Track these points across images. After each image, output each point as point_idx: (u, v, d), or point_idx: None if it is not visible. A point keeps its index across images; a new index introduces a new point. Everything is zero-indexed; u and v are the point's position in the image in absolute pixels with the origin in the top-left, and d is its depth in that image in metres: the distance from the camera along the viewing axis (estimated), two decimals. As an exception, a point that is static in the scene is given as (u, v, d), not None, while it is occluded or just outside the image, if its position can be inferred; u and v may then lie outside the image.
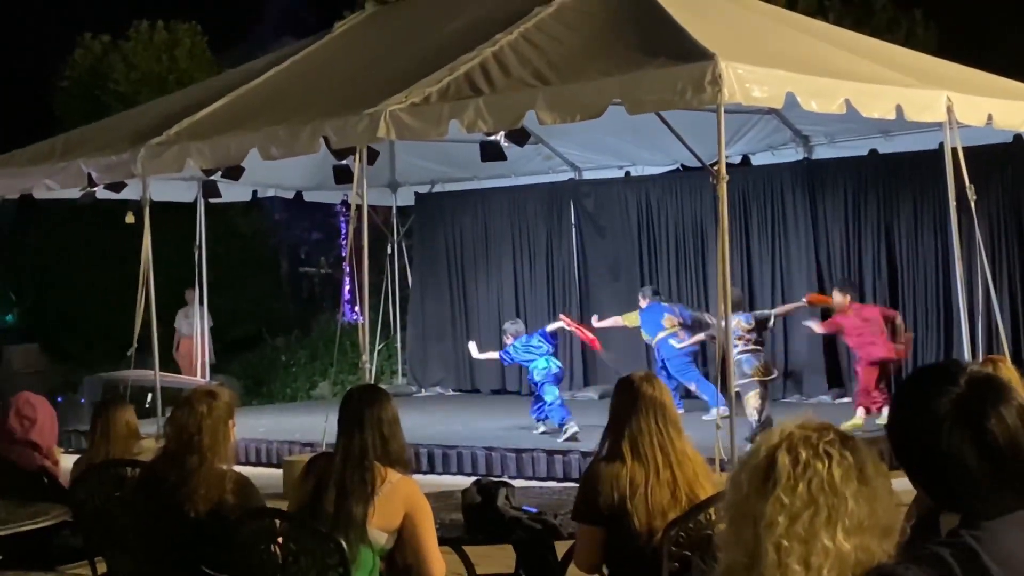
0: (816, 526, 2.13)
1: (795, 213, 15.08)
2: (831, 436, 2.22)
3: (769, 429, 2.31)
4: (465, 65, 10.83)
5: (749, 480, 2.20)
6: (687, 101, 9.14)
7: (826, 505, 2.14)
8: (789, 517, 2.14)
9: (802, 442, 2.19)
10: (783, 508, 2.14)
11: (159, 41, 23.86)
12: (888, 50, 13.31)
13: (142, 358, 13.16)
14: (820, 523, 2.13)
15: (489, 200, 17.58)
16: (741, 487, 2.22)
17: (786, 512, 2.14)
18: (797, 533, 2.13)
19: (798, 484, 2.15)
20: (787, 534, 2.13)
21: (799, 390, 15.02)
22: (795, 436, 2.21)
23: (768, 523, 2.14)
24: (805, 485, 2.15)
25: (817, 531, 2.13)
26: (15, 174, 14.05)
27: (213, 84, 15.38)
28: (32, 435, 6.62)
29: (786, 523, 2.13)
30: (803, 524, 2.13)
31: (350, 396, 4.81)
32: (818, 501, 2.15)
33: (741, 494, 2.21)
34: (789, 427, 2.24)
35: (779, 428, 2.25)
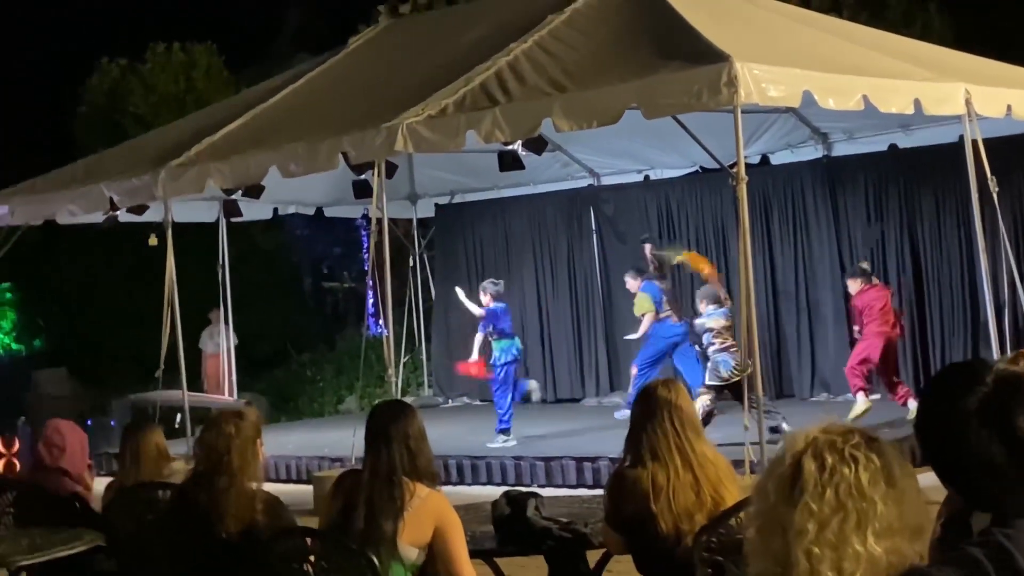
0: (846, 531, 2.12)
1: (816, 211, 15.03)
2: (856, 439, 2.20)
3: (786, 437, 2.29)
4: (480, 75, 10.85)
5: (776, 488, 2.19)
6: (704, 103, 9.14)
7: (855, 510, 2.13)
8: (818, 524, 2.12)
9: (827, 447, 2.18)
10: (812, 515, 2.13)
11: (176, 63, 23.96)
12: (904, 44, 13.26)
13: (169, 379, 13.22)
14: (850, 528, 2.12)
15: (509, 209, 17.59)
16: (768, 496, 2.20)
17: (815, 519, 2.12)
18: (827, 540, 2.12)
19: (826, 490, 2.14)
20: (817, 541, 2.12)
21: (827, 389, 14.95)
22: (820, 441, 2.20)
23: (798, 531, 2.13)
24: (833, 491, 2.14)
25: (847, 536, 2.12)
26: (38, 200, 14.15)
27: (231, 104, 15.45)
28: (62, 462, 6.65)
29: (816, 530, 2.12)
30: (833, 530, 2.12)
31: (375, 412, 4.82)
32: (847, 506, 2.13)
33: (768, 503, 2.19)
34: (813, 432, 2.23)
35: (803, 433, 2.23)
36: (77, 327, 23.57)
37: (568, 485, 11.39)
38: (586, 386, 16.55)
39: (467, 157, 14.63)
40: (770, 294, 15.18)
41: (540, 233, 17.35)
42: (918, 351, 14.25)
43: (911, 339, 14.30)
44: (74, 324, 23.66)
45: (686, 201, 16.10)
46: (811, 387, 15.03)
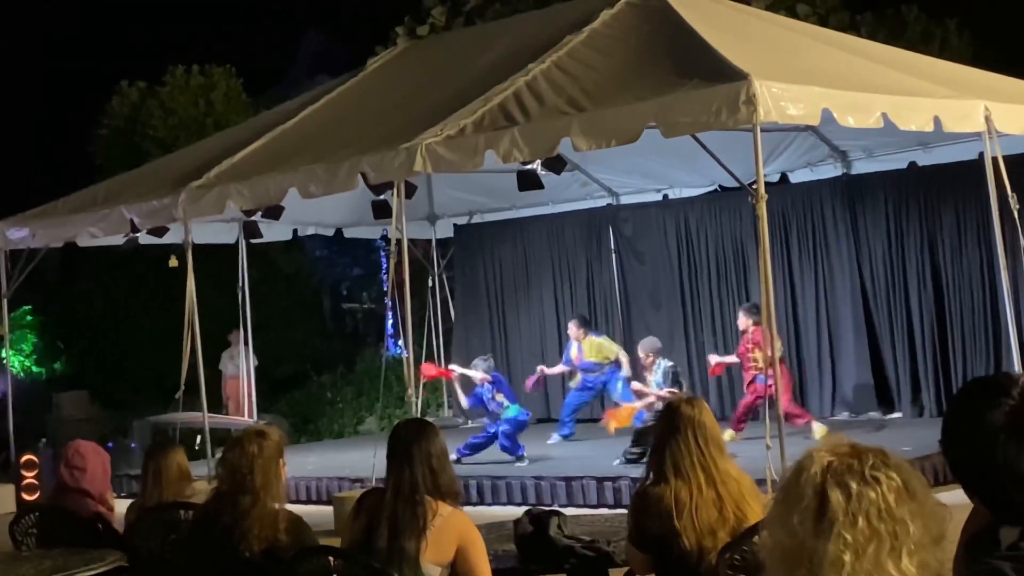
0: (882, 557, 2.09)
1: (836, 229, 15.00)
2: (872, 459, 2.18)
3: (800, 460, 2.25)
4: (499, 95, 10.87)
5: (801, 522, 2.15)
6: (722, 122, 9.13)
7: (888, 534, 2.10)
8: (854, 553, 2.09)
9: (847, 472, 2.15)
10: (847, 545, 2.09)
11: (195, 85, 24.08)
12: (923, 62, 13.24)
13: (190, 400, 13.24)
14: (885, 553, 2.09)
15: (528, 229, 17.60)
16: (793, 531, 2.15)
17: (851, 549, 2.09)
18: (864, 568, 2.09)
19: (857, 518, 2.11)
20: (854, 571, 2.09)
21: (848, 408, 14.89)
22: (835, 466, 2.16)
23: (832, 561, 2.09)
24: (864, 518, 2.11)
25: (883, 562, 2.09)
26: (59, 223, 14.21)
27: (250, 125, 15.51)
28: (84, 484, 6.66)
29: (852, 560, 2.09)
30: (869, 558, 2.09)
31: (398, 431, 4.81)
32: (880, 531, 2.10)
33: (795, 538, 2.15)
34: (824, 457, 2.19)
35: (814, 460, 2.19)
36: (97, 349, 23.66)
37: (589, 505, 11.36)
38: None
39: (486, 177, 14.66)
40: (790, 312, 15.14)
41: (559, 252, 17.36)
42: (939, 367, 14.20)
43: (932, 355, 14.25)
44: (94, 346, 23.75)
45: (705, 220, 16.09)
46: (832, 405, 14.98)
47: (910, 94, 10.46)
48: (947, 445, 2.37)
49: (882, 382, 14.73)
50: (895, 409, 14.57)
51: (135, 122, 23.85)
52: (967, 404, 2.36)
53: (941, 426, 2.39)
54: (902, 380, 14.51)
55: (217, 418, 15.04)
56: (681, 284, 16.25)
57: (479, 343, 17.86)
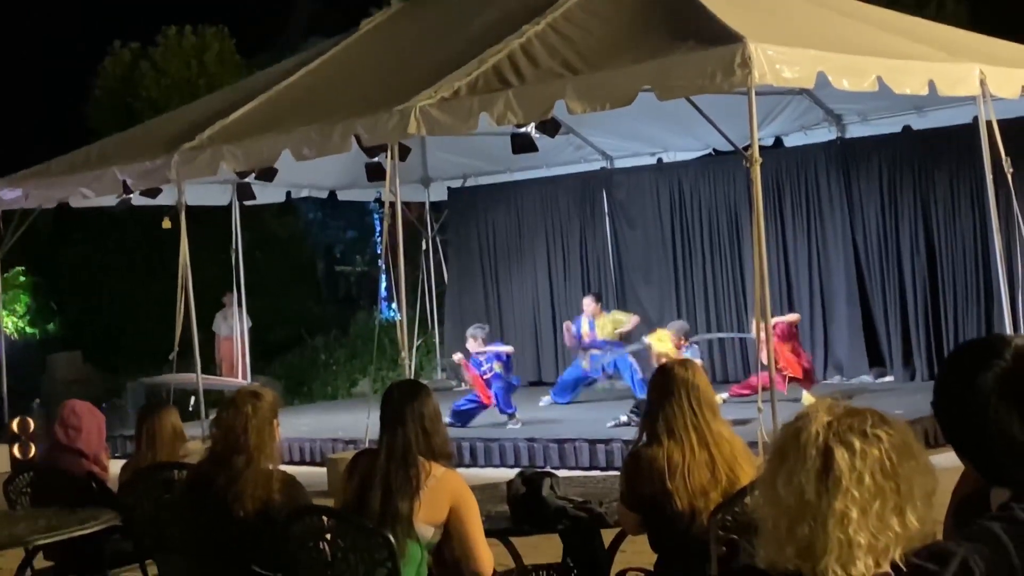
0: (886, 514, 2.10)
1: (830, 193, 15.01)
2: (870, 418, 2.19)
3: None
4: (493, 58, 10.84)
5: (806, 481, 2.15)
6: (717, 85, 9.12)
7: (891, 491, 2.11)
8: (860, 510, 2.10)
9: (849, 430, 2.16)
10: (854, 502, 2.10)
11: (188, 46, 23.97)
12: (918, 25, 13.22)
13: (184, 362, 13.26)
14: (889, 510, 2.11)
15: (522, 192, 17.58)
16: (799, 490, 2.16)
17: (857, 505, 2.10)
18: (868, 524, 2.10)
19: (863, 476, 2.11)
20: (859, 527, 2.10)
21: (840, 371, 14.94)
22: (836, 426, 2.17)
23: (838, 519, 2.09)
24: (870, 475, 2.11)
25: (887, 518, 2.10)
26: (51, 184, 14.18)
27: (243, 87, 15.45)
28: (79, 443, 6.67)
29: (859, 516, 2.10)
30: (875, 514, 2.10)
31: (391, 392, 4.81)
32: (884, 489, 2.11)
33: (800, 497, 2.15)
34: (822, 417, 2.19)
35: (813, 420, 2.19)
36: (91, 311, 23.64)
37: (581, 467, 11.41)
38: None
39: (480, 140, 14.64)
40: (783, 276, 15.16)
41: (553, 216, 17.35)
42: (931, 331, 14.24)
43: (924, 319, 14.29)
44: (88, 308, 23.73)
45: (699, 184, 16.08)
46: (824, 369, 15.02)
47: (905, 57, 10.44)
48: (939, 407, 2.38)
49: (874, 346, 14.77)
50: (887, 373, 14.62)
51: (128, 83, 23.75)
52: (959, 366, 2.36)
53: (934, 387, 2.39)
54: (894, 344, 14.55)
55: (211, 379, 15.04)
56: (674, 248, 16.25)
57: (472, 306, 17.88)
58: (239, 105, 13.35)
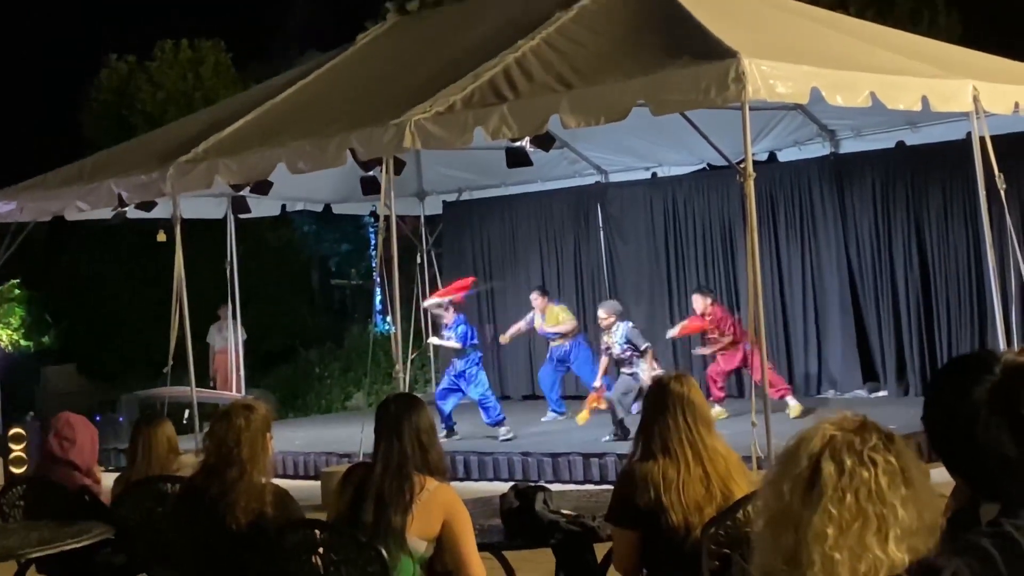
0: (866, 537, 2.10)
1: (823, 208, 15.03)
2: (874, 440, 2.18)
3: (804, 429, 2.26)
4: (488, 72, 10.86)
5: (792, 489, 2.16)
6: (711, 100, 9.12)
7: (875, 515, 2.11)
8: (838, 528, 2.10)
9: (846, 448, 2.15)
10: (831, 519, 2.10)
11: (184, 60, 24.00)
12: (911, 41, 13.25)
13: (178, 375, 13.25)
14: (870, 534, 2.10)
15: (516, 206, 17.60)
16: (782, 495, 2.17)
17: (835, 523, 2.10)
18: (847, 544, 2.09)
19: (845, 495, 2.11)
20: (836, 545, 2.09)
21: (834, 385, 14.95)
22: (837, 441, 2.17)
23: (816, 534, 2.10)
24: (853, 496, 2.11)
25: (867, 542, 2.10)
26: (46, 197, 14.17)
27: (239, 100, 15.47)
28: (72, 455, 6.67)
29: (836, 534, 2.10)
30: (854, 535, 2.09)
31: (387, 405, 4.82)
32: (867, 511, 2.11)
33: (783, 502, 2.16)
34: (828, 429, 2.19)
35: (819, 431, 2.20)
36: (85, 323, 23.63)
37: (575, 481, 11.41)
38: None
39: (475, 154, 14.65)
40: (777, 291, 15.18)
41: (547, 230, 17.37)
42: (925, 346, 14.26)
43: (917, 334, 14.31)
44: (83, 320, 23.72)
45: (693, 198, 16.10)
46: (818, 383, 15.04)
47: (898, 73, 10.47)
48: (929, 422, 2.38)
49: (868, 360, 14.79)
50: (881, 387, 14.63)
51: (124, 96, 23.78)
52: (949, 380, 2.36)
53: (924, 402, 2.40)
54: (888, 358, 14.57)
55: (205, 392, 15.04)
56: (668, 262, 16.27)
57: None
58: (235, 118, 13.36)
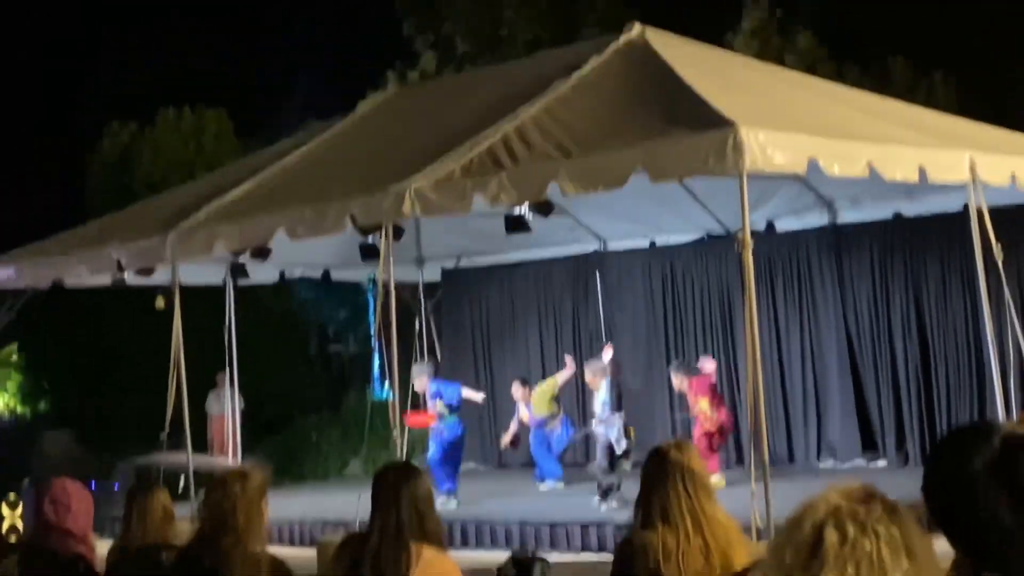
0: None
1: (822, 278, 15.05)
2: (879, 511, 2.16)
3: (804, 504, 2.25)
4: (487, 140, 10.92)
5: (794, 555, 2.14)
6: (710, 169, 9.17)
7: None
8: None
9: (850, 518, 2.14)
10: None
11: (186, 127, 24.16)
12: (909, 111, 13.34)
13: (175, 442, 13.19)
14: None
15: (515, 273, 17.63)
16: (784, 562, 2.15)
17: None
18: None
19: (847, 565, 2.09)
20: None
21: (833, 455, 14.90)
22: (842, 510, 2.16)
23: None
24: (854, 566, 2.09)
25: None
26: (47, 263, 14.20)
27: (239, 167, 15.54)
28: (67, 522, 6.60)
29: None
30: None
31: (384, 473, 4.79)
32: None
33: (784, 568, 2.15)
34: (834, 499, 2.18)
35: (824, 499, 2.19)
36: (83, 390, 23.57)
37: (573, 550, 11.33)
38: (590, 451, 16.48)
39: (474, 221, 14.68)
40: (776, 361, 15.16)
41: (546, 297, 17.38)
42: (924, 416, 14.23)
43: (917, 404, 14.28)
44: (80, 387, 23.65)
45: (691, 267, 16.13)
46: (817, 453, 14.99)
47: (896, 144, 10.52)
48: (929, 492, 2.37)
49: (867, 430, 14.75)
50: (880, 457, 14.58)
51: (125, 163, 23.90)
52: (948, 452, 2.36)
53: (923, 473, 2.39)
54: (887, 428, 14.53)
55: (201, 459, 14.95)
56: (666, 330, 16.27)
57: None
58: (235, 185, 13.42)
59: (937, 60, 20.58)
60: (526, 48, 22.55)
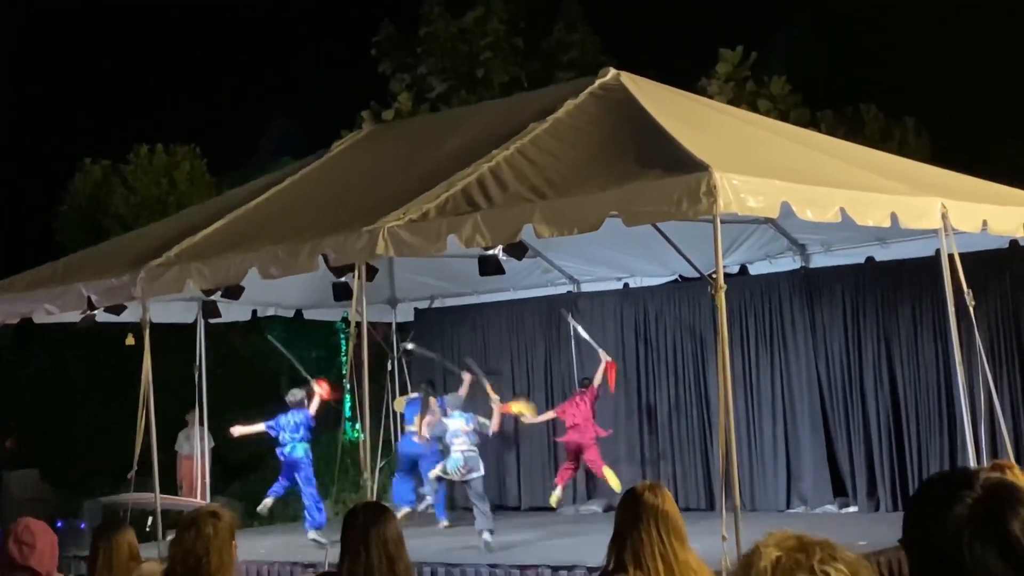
0: None
1: (793, 322, 15.09)
2: (819, 553, 2.16)
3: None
4: (462, 181, 10.92)
5: None
6: (683, 212, 9.18)
7: None
8: None
9: (796, 567, 2.12)
10: None
11: (159, 164, 24.08)
12: (881, 158, 13.43)
13: (142, 481, 13.06)
14: None
15: (488, 314, 17.61)
16: None
17: None
18: None
19: None
20: None
21: (803, 501, 14.88)
22: (784, 562, 2.14)
23: None
24: None
25: None
26: (15, 299, 14.08)
27: (212, 205, 15.49)
28: (31, 562, 6.52)
29: None
30: None
31: (355, 514, 4.75)
32: None
33: None
34: (771, 552, 2.16)
35: (762, 555, 2.17)
36: (50, 428, 23.34)
37: (544, 594, 11.25)
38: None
39: (447, 262, 14.68)
40: (747, 404, 15.16)
41: (519, 338, 17.36)
42: (895, 462, 14.23)
43: (888, 449, 14.29)
44: (47, 425, 23.43)
45: (664, 310, 16.16)
46: (787, 498, 14.96)
47: (868, 190, 10.58)
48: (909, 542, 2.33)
49: (838, 476, 14.73)
50: (851, 503, 14.56)
51: (97, 200, 23.79)
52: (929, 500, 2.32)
53: (903, 523, 2.36)
54: (858, 474, 14.52)
55: (169, 499, 14.83)
56: (639, 372, 16.26)
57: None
58: (207, 223, 13.36)
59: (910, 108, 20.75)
60: (502, 89, 22.63)
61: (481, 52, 23.43)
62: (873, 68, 21.98)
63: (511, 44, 23.83)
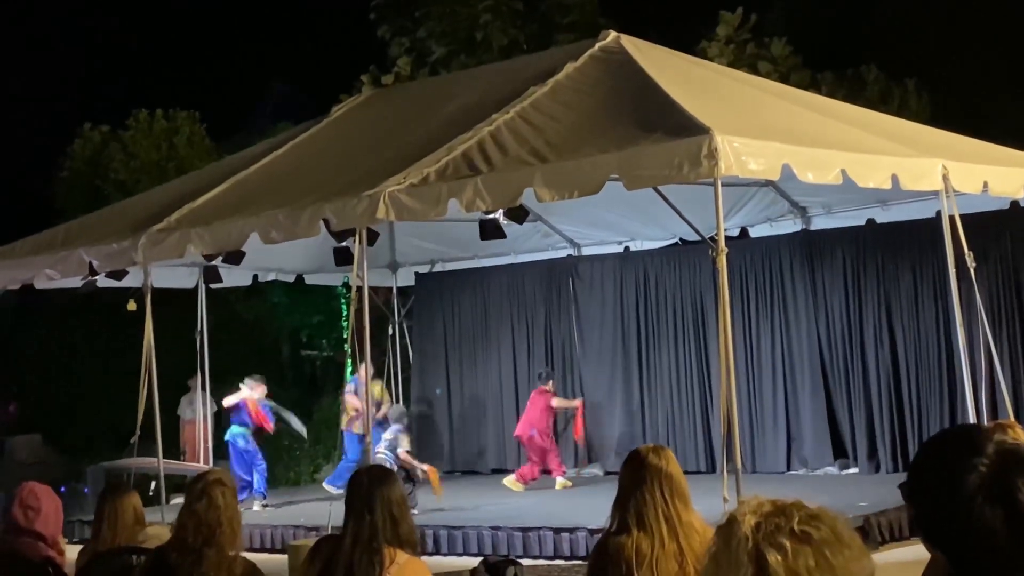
0: None
1: (794, 284, 15.09)
2: (796, 514, 2.16)
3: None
4: (463, 145, 10.91)
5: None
6: (684, 175, 9.19)
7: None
8: None
9: (777, 531, 2.13)
10: None
11: (158, 130, 24.03)
12: (882, 120, 13.40)
13: (145, 446, 13.12)
14: None
15: (488, 278, 17.61)
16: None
17: None
18: None
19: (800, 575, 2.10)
20: None
21: (804, 463, 14.92)
22: (764, 527, 2.15)
23: None
24: (806, 574, 2.09)
25: None
26: (16, 265, 14.10)
27: (212, 170, 15.48)
28: (37, 525, 6.56)
29: None
30: None
31: (359, 477, 4.77)
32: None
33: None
34: (748, 519, 2.16)
35: (740, 523, 2.16)
36: (52, 393, 23.40)
37: (546, 556, 11.28)
38: (563, 456, 16.49)
39: (448, 226, 14.68)
40: (748, 366, 15.18)
41: (519, 303, 17.37)
42: (895, 423, 14.26)
43: (888, 411, 14.32)
44: (49, 390, 23.49)
45: (665, 273, 16.15)
46: (787, 461, 15.00)
47: (869, 152, 10.58)
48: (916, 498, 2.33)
49: (838, 437, 14.77)
50: (851, 464, 14.61)
51: (97, 165, 23.75)
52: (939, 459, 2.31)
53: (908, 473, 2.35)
54: (858, 436, 14.55)
55: (172, 463, 14.89)
56: (639, 336, 16.27)
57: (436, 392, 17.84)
58: (208, 188, 13.36)
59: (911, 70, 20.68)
60: (501, 52, 22.54)
61: (480, 15, 23.32)
62: (873, 30, 21.88)
63: (510, 6, 23.72)
